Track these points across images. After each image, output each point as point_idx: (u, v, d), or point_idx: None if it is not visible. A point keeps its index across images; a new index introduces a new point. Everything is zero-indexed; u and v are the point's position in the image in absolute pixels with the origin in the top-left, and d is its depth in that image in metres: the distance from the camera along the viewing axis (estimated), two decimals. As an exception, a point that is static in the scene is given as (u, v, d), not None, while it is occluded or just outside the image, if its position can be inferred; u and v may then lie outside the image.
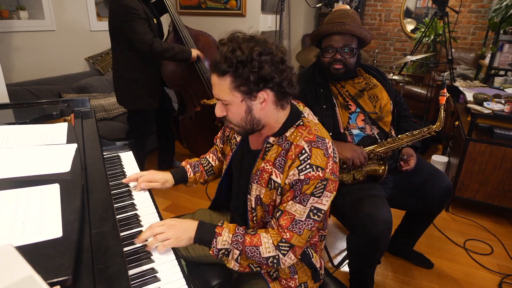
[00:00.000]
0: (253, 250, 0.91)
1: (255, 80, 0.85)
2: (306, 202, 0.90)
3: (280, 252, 0.92)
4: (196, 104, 2.69)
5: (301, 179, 0.88)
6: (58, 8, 2.91)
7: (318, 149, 0.90)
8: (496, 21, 3.04)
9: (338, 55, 1.46)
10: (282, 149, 0.94)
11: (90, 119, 1.39)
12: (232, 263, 0.93)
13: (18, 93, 2.43)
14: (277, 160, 0.94)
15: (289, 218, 0.91)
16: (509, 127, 2.17)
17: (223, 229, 0.94)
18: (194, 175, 1.25)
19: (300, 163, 0.89)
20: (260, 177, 0.97)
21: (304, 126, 0.95)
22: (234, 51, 0.83)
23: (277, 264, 0.93)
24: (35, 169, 0.90)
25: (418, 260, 1.91)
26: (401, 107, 1.71)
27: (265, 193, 0.97)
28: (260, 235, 0.94)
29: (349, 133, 1.51)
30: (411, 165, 1.54)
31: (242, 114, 0.92)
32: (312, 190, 0.89)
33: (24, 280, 0.50)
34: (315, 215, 0.91)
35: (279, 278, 1.04)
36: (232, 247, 0.92)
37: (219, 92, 0.89)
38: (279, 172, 0.93)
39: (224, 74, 0.85)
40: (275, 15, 3.83)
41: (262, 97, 0.89)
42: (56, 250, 0.63)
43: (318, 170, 0.88)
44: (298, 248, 0.93)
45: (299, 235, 0.91)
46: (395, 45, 5.20)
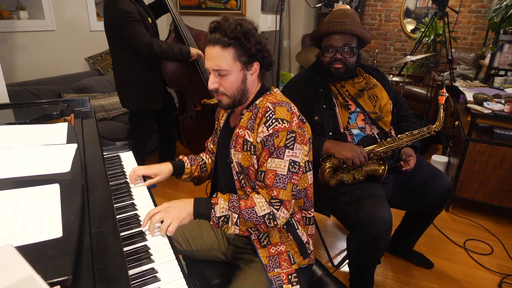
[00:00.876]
0: (250, 212, 0.97)
1: (255, 51, 0.99)
2: (283, 155, 0.97)
3: (274, 208, 0.98)
4: (196, 104, 2.69)
5: (271, 133, 0.97)
6: (58, 8, 2.92)
7: (281, 106, 1.00)
8: (496, 21, 3.04)
9: (338, 54, 1.46)
10: (252, 114, 1.05)
11: (90, 119, 1.39)
12: (232, 228, 0.99)
13: (18, 93, 2.43)
14: (248, 123, 1.04)
15: (272, 176, 0.98)
16: (509, 127, 2.17)
17: (218, 198, 1.01)
18: (190, 167, 1.30)
19: (266, 119, 0.98)
20: (236, 143, 1.06)
21: (270, 94, 1.08)
22: (240, 25, 0.96)
23: (273, 220, 0.98)
24: (35, 169, 0.90)
25: (418, 260, 1.91)
26: (401, 106, 1.71)
27: (242, 156, 1.04)
28: (252, 197, 1.00)
29: (349, 133, 1.51)
30: (411, 165, 1.54)
31: (238, 83, 1.03)
32: (284, 141, 0.97)
33: (24, 280, 0.50)
34: (293, 167, 0.98)
35: (268, 246, 1.08)
36: (230, 212, 0.98)
37: (220, 62, 0.98)
38: (251, 132, 1.03)
39: (229, 46, 0.97)
40: (275, 15, 3.83)
41: (254, 68, 1.04)
42: (56, 250, 0.63)
43: (284, 122, 0.97)
44: (287, 202, 0.99)
45: (284, 189, 0.98)
46: (395, 45, 5.20)
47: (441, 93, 1.56)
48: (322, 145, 1.47)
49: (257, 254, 1.08)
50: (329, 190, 1.51)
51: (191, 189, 2.66)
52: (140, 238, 0.93)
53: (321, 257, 1.96)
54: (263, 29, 3.71)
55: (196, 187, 2.66)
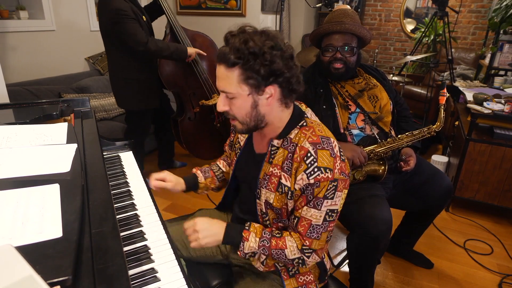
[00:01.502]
0: (279, 253, 0.94)
1: (265, 73, 0.83)
2: (321, 206, 0.90)
3: (305, 255, 0.95)
4: (194, 105, 2.69)
5: (311, 183, 0.87)
6: (58, 8, 2.91)
7: (323, 150, 0.88)
8: (496, 21, 3.04)
9: (338, 54, 1.46)
10: (288, 152, 0.93)
11: (90, 119, 1.39)
12: (258, 263, 0.98)
13: (18, 93, 2.43)
14: (284, 164, 0.93)
15: (306, 224, 0.92)
16: (509, 127, 2.17)
17: (250, 233, 0.95)
18: (205, 180, 1.23)
19: (307, 166, 0.87)
20: (269, 182, 0.96)
21: (307, 126, 0.93)
22: (246, 43, 0.81)
23: (302, 264, 0.96)
24: (35, 169, 0.90)
25: (418, 260, 1.91)
26: (401, 107, 1.71)
27: (275, 197, 0.96)
28: (285, 238, 0.95)
29: (349, 133, 1.51)
30: (411, 165, 1.54)
31: (247, 108, 0.89)
32: (324, 193, 0.88)
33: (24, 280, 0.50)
34: (330, 217, 0.92)
35: (296, 275, 1.04)
36: (259, 251, 0.95)
37: (225, 84, 0.86)
38: (288, 176, 0.92)
39: (234, 66, 0.83)
40: (275, 15, 3.83)
41: (269, 92, 0.87)
42: (56, 250, 0.63)
43: (326, 171, 0.87)
44: (320, 250, 0.96)
45: (318, 239, 0.93)
46: (395, 45, 5.20)
47: (442, 93, 1.56)
48: None
49: (283, 285, 1.03)
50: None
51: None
52: (140, 238, 0.93)
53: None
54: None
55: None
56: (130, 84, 2.26)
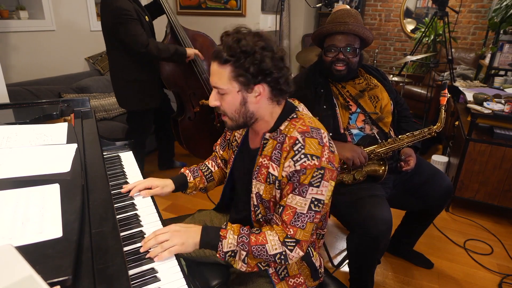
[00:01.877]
0: (260, 249, 0.91)
1: (255, 72, 0.87)
2: (306, 193, 0.89)
3: (287, 248, 0.91)
4: (195, 105, 2.69)
5: (298, 170, 0.88)
6: (58, 8, 2.91)
7: (312, 138, 0.90)
8: (496, 21, 3.04)
9: (341, 54, 1.46)
10: (277, 142, 0.95)
11: (90, 119, 1.39)
12: (239, 264, 0.93)
13: (18, 93, 2.43)
14: (273, 154, 0.95)
15: (291, 212, 0.91)
16: (509, 127, 2.17)
17: (227, 231, 0.94)
18: (194, 180, 1.24)
19: (295, 153, 0.89)
20: (259, 173, 0.98)
21: (297, 118, 0.96)
22: (239, 41, 0.86)
23: (284, 260, 0.92)
24: (35, 169, 0.90)
25: (418, 260, 1.91)
26: (402, 107, 1.71)
27: (264, 188, 0.97)
28: (265, 233, 0.93)
29: (348, 133, 1.51)
30: (410, 165, 1.54)
31: (236, 105, 0.93)
32: (309, 179, 0.88)
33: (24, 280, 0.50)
34: (316, 206, 0.90)
35: (286, 278, 1.03)
36: (238, 248, 0.91)
37: (217, 80, 0.91)
38: (276, 165, 0.94)
39: (226, 63, 0.87)
40: (275, 15, 3.83)
41: (258, 90, 0.91)
42: (56, 250, 0.63)
43: (313, 158, 0.88)
44: (304, 243, 0.92)
45: (303, 229, 0.91)
46: (395, 45, 5.20)
47: (443, 94, 1.55)
48: None
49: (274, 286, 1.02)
50: (329, 190, 1.51)
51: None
52: (140, 238, 0.93)
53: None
54: (263, 29, 3.71)
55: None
56: (130, 84, 2.26)
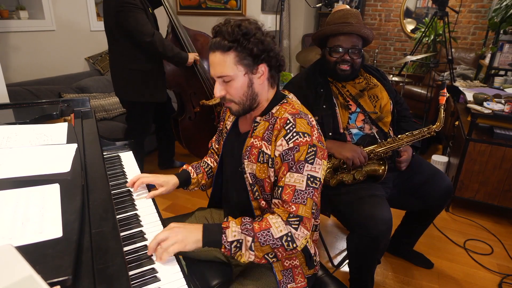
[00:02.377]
0: (265, 234, 0.89)
1: (258, 52, 0.93)
2: (302, 170, 0.92)
3: (292, 227, 0.90)
4: (195, 105, 2.69)
5: (291, 147, 0.92)
6: (58, 8, 2.92)
7: (301, 119, 0.95)
8: (496, 21, 3.04)
9: (346, 55, 1.46)
10: (269, 124, 0.99)
11: (90, 119, 1.39)
12: (247, 254, 0.90)
13: (18, 93, 2.43)
14: (265, 134, 0.99)
15: (290, 191, 0.92)
16: (509, 127, 2.17)
17: (229, 222, 0.93)
18: (196, 176, 1.26)
19: (286, 132, 0.93)
20: (250, 154, 1.01)
21: (287, 103, 1.01)
22: (239, 26, 0.91)
23: (291, 242, 0.90)
24: (35, 169, 0.90)
25: (418, 260, 1.91)
26: (401, 107, 1.71)
27: (257, 168, 1.00)
28: (267, 218, 0.93)
29: (348, 132, 1.51)
30: (403, 157, 1.54)
31: (244, 88, 0.97)
32: (304, 156, 0.92)
33: (24, 280, 0.50)
34: (312, 183, 0.93)
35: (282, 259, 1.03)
36: (243, 235, 0.89)
37: (222, 68, 0.94)
38: (268, 144, 0.97)
39: (229, 50, 0.91)
40: (275, 15, 3.83)
41: (261, 71, 0.97)
42: (56, 250, 0.63)
43: (305, 136, 0.92)
44: (307, 220, 0.92)
45: (304, 205, 0.92)
46: (395, 45, 5.20)
47: (442, 93, 1.56)
48: None
49: (272, 267, 1.03)
50: (329, 190, 1.51)
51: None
52: (140, 238, 0.93)
53: (321, 257, 1.96)
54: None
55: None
56: (133, 74, 2.21)
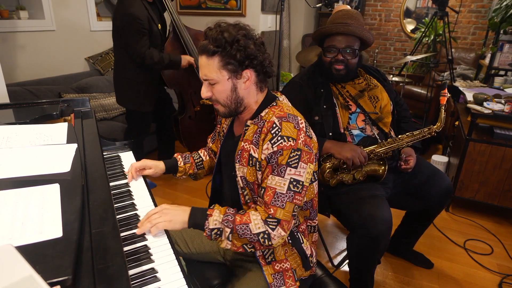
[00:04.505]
0: (244, 228, 0.93)
1: (241, 58, 0.95)
2: (284, 173, 0.93)
3: (269, 227, 0.94)
4: (195, 104, 2.69)
5: (275, 151, 0.93)
6: (58, 8, 2.92)
7: (288, 122, 0.95)
8: (496, 21, 3.04)
9: (340, 55, 1.46)
10: (258, 127, 1.00)
11: (90, 119, 1.39)
12: (225, 242, 0.96)
13: (18, 93, 2.43)
14: (254, 137, 1.00)
15: (271, 193, 0.94)
16: (509, 127, 2.17)
17: (214, 210, 0.98)
18: (184, 165, 1.30)
19: (272, 136, 0.94)
20: (241, 157, 1.03)
21: (277, 106, 1.02)
22: (222, 33, 0.93)
23: (268, 240, 0.94)
24: (35, 169, 0.90)
25: (418, 260, 1.91)
26: (401, 107, 1.71)
27: (247, 171, 1.01)
28: (249, 213, 0.97)
29: (349, 133, 1.51)
30: (410, 165, 1.54)
31: (228, 92, 0.99)
32: (287, 160, 0.93)
33: (24, 280, 0.50)
34: (295, 187, 0.94)
35: (273, 262, 1.06)
36: (223, 225, 0.94)
37: (207, 72, 0.97)
38: (256, 148, 0.99)
39: (214, 54, 0.95)
40: (275, 15, 3.83)
41: (246, 76, 0.98)
42: (56, 250, 0.63)
43: (289, 140, 0.93)
44: (285, 222, 0.95)
45: (283, 208, 0.94)
46: (395, 45, 5.20)
47: (442, 94, 1.55)
48: (322, 145, 1.47)
49: (262, 271, 1.05)
50: (329, 190, 1.51)
51: (190, 189, 2.66)
52: (140, 238, 0.93)
53: (321, 257, 1.96)
54: (263, 29, 3.71)
55: (196, 187, 2.67)
56: (129, 83, 2.29)
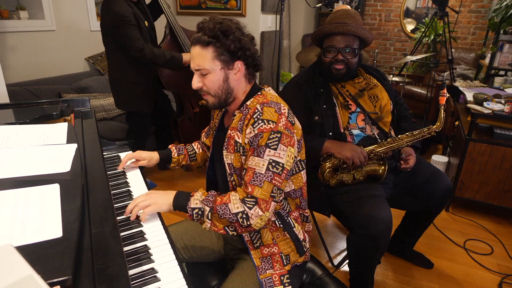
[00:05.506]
0: (223, 208, 0.96)
1: (235, 49, 0.99)
2: (263, 154, 0.96)
3: (246, 206, 0.96)
4: (194, 105, 2.69)
5: (256, 134, 0.97)
6: (58, 8, 2.91)
7: (269, 107, 0.99)
8: (496, 21, 3.04)
9: (339, 55, 1.46)
10: (242, 115, 1.04)
11: (90, 119, 1.39)
12: (206, 222, 0.98)
13: (18, 93, 2.43)
14: (238, 124, 1.04)
15: (251, 173, 0.97)
16: (509, 127, 2.17)
17: (196, 192, 1.02)
18: (177, 156, 1.35)
19: (254, 120, 0.98)
20: (229, 144, 1.06)
21: (261, 94, 1.06)
22: (217, 24, 0.98)
23: (246, 220, 0.95)
24: (35, 169, 0.90)
25: (418, 260, 1.91)
26: (401, 107, 1.72)
27: (234, 157, 1.05)
28: (229, 194, 0.99)
29: (349, 133, 1.51)
30: (410, 164, 1.54)
31: (220, 82, 1.03)
32: (266, 141, 0.96)
33: (24, 280, 0.50)
34: (274, 167, 0.96)
35: (261, 247, 1.08)
36: (202, 205, 0.98)
37: (200, 61, 1.00)
38: (240, 134, 1.03)
39: (208, 45, 0.98)
40: (275, 15, 3.83)
41: (237, 67, 1.03)
42: (56, 250, 0.63)
43: (269, 123, 0.96)
44: (263, 202, 0.96)
45: (260, 187, 0.96)
46: (395, 45, 5.20)
47: (441, 94, 1.55)
48: (322, 145, 1.47)
49: (250, 255, 1.08)
50: (329, 190, 1.51)
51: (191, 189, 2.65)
52: (140, 238, 0.93)
53: (321, 257, 1.96)
54: (263, 29, 3.71)
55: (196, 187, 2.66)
56: (126, 85, 2.27)
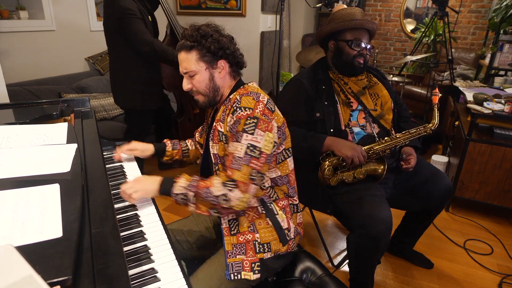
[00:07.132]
0: (206, 191, 1.01)
1: (215, 49, 1.07)
2: (241, 138, 1.02)
3: (227, 189, 1.00)
4: (194, 106, 2.69)
5: (235, 121, 1.03)
6: (58, 8, 2.91)
7: (248, 96, 1.05)
8: (496, 21, 3.04)
9: (364, 50, 1.51)
10: (225, 107, 1.11)
11: (90, 119, 1.39)
12: (190, 205, 1.03)
13: (18, 93, 2.43)
14: (221, 116, 1.10)
15: (231, 158, 1.03)
16: (509, 127, 2.17)
17: (181, 177, 1.06)
18: (172, 151, 1.38)
19: (234, 109, 1.04)
20: (214, 135, 1.12)
21: (243, 88, 1.13)
22: (197, 30, 1.07)
23: (227, 201, 1.00)
24: (35, 169, 0.90)
25: (418, 260, 1.91)
26: (401, 107, 1.72)
27: (219, 148, 1.10)
28: (212, 178, 1.04)
29: (350, 131, 1.51)
30: (411, 164, 1.54)
31: (206, 81, 1.11)
32: (243, 126, 1.01)
33: (24, 280, 0.50)
34: (252, 151, 1.01)
35: (237, 234, 1.11)
36: (186, 190, 1.02)
37: (187, 65, 1.09)
38: (222, 124, 1.09)
39: (191, 49, 1.07)
40: (275, 15, 3.83)
41: (221, 66, 1.11)
42: (56, 250, 0.63)
43: (246, 110, 1.03)
44: (242, 184, 1.01)
45: (239, 170, 1.01)
46: (395, 45, 5.20)
47: (434, 93, 1.59)
48: (323, 142, 1.46)
49: (222, 240, 1.11)
50: (329, 190, 1.51)
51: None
52: (140, 238, 0.93)
53: (321, 257, 1.96)
54: (263, 29, 3.71)
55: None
56: (131, 81, 2.23)
